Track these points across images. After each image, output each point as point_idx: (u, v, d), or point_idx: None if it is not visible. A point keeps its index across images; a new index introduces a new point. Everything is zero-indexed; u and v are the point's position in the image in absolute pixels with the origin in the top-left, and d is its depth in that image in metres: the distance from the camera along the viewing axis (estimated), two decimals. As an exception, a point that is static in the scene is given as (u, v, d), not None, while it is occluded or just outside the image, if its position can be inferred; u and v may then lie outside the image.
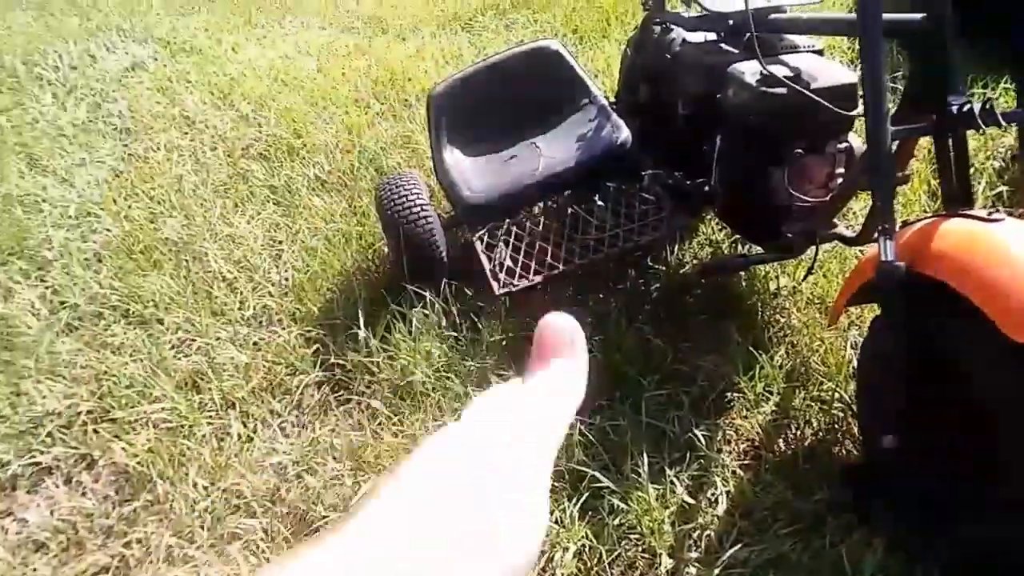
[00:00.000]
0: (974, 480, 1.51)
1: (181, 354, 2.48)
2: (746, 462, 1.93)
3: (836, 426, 1.97)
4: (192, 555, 1.85)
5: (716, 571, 1.65)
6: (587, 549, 1.77)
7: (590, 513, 1.84)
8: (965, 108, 1.56)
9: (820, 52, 2.30)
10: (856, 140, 2.17)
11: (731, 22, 2.33)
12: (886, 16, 1.58)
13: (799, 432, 1.98)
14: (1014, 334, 1.29)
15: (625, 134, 2.66)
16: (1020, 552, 1.44)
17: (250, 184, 3.48)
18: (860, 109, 1.90)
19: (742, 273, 2.53)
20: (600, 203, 2.62)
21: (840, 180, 2.11)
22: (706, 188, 2.39)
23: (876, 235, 1.54)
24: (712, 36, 2.48)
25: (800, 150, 2.08)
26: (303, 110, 4.02)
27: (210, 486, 2.00)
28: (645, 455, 1.91)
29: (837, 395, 2.01)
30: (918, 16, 1.63)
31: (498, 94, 2.82)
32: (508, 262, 2.46)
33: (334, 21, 5.65)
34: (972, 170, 2.70)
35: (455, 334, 2.37)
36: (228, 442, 2.14)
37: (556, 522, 1.82)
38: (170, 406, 2.24)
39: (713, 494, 1.86)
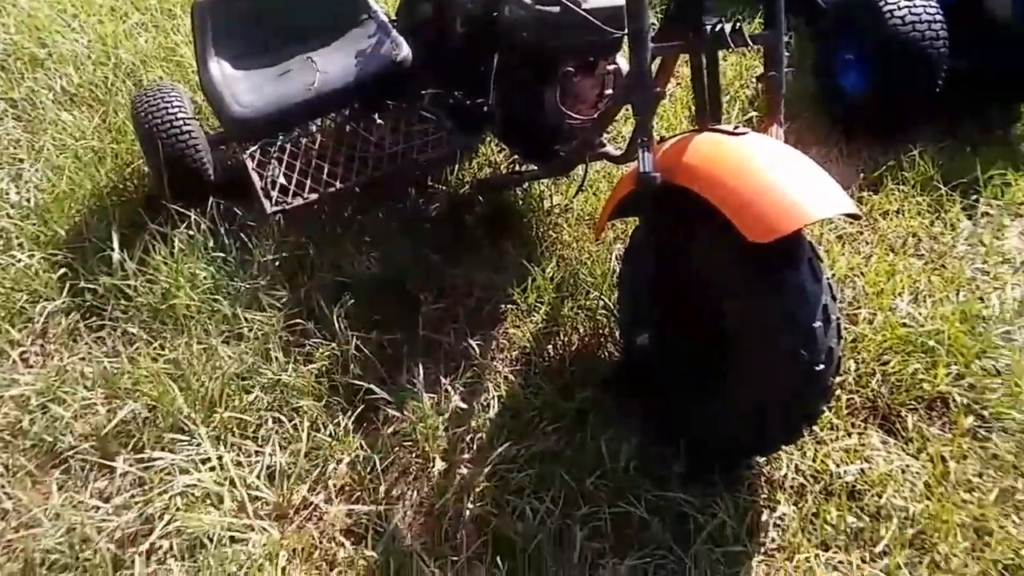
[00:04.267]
0: (711, 378, 1.64)
1: None
2: (517, 368, 2.00)
3: (600, 331, 2.08)
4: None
5: (487, 468, 1.70)
6: (361, 459, 1.77)
7: (365, 425, 1.84)
8: (718, 28, 1.66)
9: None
10: (624, 62, 2.26)
11: (505, -60, 2.32)
12: None
13: (567, 339, 2.07)
14: (752, 236, 1.40)
15: (405, 52, 2.60)
16: (742, 442, 1.62)
17: (-16, 97, 3.08)
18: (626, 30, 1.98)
19: (518, 192, 2.58)
20: (379, 121, 2.56)
21: (607, 100, 2.19)
22: (485, 108, 2.40)
23: (636, 148, 1.61)
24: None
25: (571, 69, 2.13)
26: (48, 17, 3.57)
27: (-63, 422, 1.79)
28: (421, 366, 1.92)
29: (601, 303, 2.11)
30: None
31: (270, 5, 2.66)
32: (282, 180, 2.36)
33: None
34: (727, 97, 2.94)
35: (223, 255, 2.24)
36: (-42, 375, 1.91)
37: (329, 435, 1.80)
38: None
39: (486, 399, 1.91)
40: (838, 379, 1.53)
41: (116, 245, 2.20)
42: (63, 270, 2.23)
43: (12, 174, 2.64)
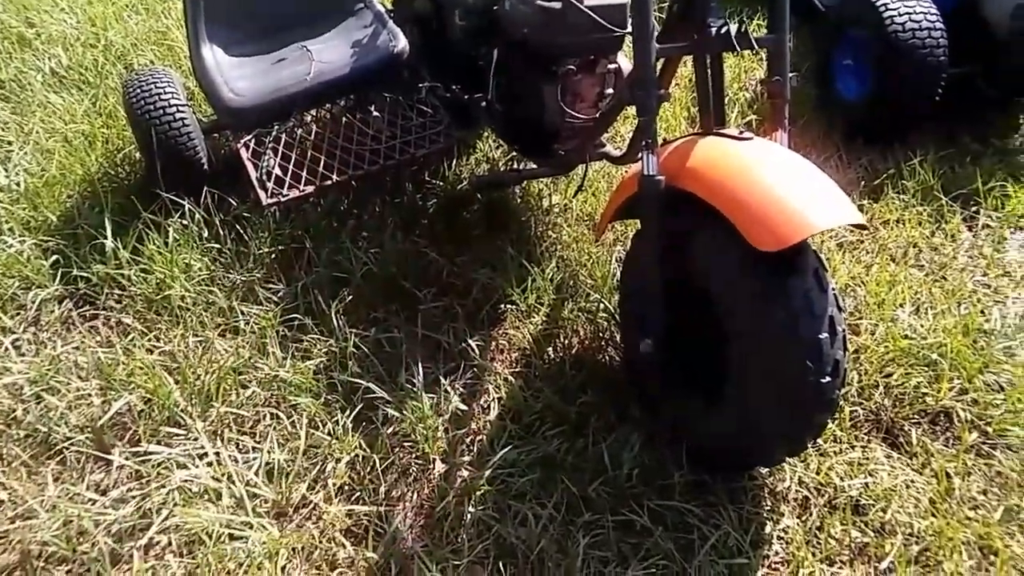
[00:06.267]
0: (714, 386, 1.63)
1: None
2: (517, 370, 1.98)
3: (601, 335, 2.06)
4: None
5: (487, 472, 1.69)
6: (360, 459, 1.74)
7: (364, 424, 1.81)
8: (723, 30, 1.64)
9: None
10: (625, 61, 2.24)
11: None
12: None
13: (567, 341, 2.06)
14: (758, 244, 1.39)
15: (402, 43, 2.58)
16: (745, 453, 1.61)
17: (-30, 76, 3.01)
18: (629, 28, 1.96)
19: (517, 190, 2.56)
20: (376, 113, 2.53)
21: (609, 100, 2.17)
22: (483, 103, 2.37)
23: (639, 151, 1.60)
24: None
25: (572, 67, 2.11)
26: (36, -5, 3.51)
27: (-73, 409, 1.75)
28: (420, 365, 1.90)
29: (602, 306, 2.10)
30: None
31: (265, -8, 2.62)
32: (277, 171, 2.32)
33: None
34: (726, 99, 2.93)
35: (218, 246, 2.21)
36: (-52, 362, 1.87)
37: (328, 434, 1.78)
38: None
39: (486, 401, 1.89)
40: (842, 391, 1.53)
41: (109, 233, 2.16)
42: (55, 257, 2.19)
43: (1, 157, 2.58)
